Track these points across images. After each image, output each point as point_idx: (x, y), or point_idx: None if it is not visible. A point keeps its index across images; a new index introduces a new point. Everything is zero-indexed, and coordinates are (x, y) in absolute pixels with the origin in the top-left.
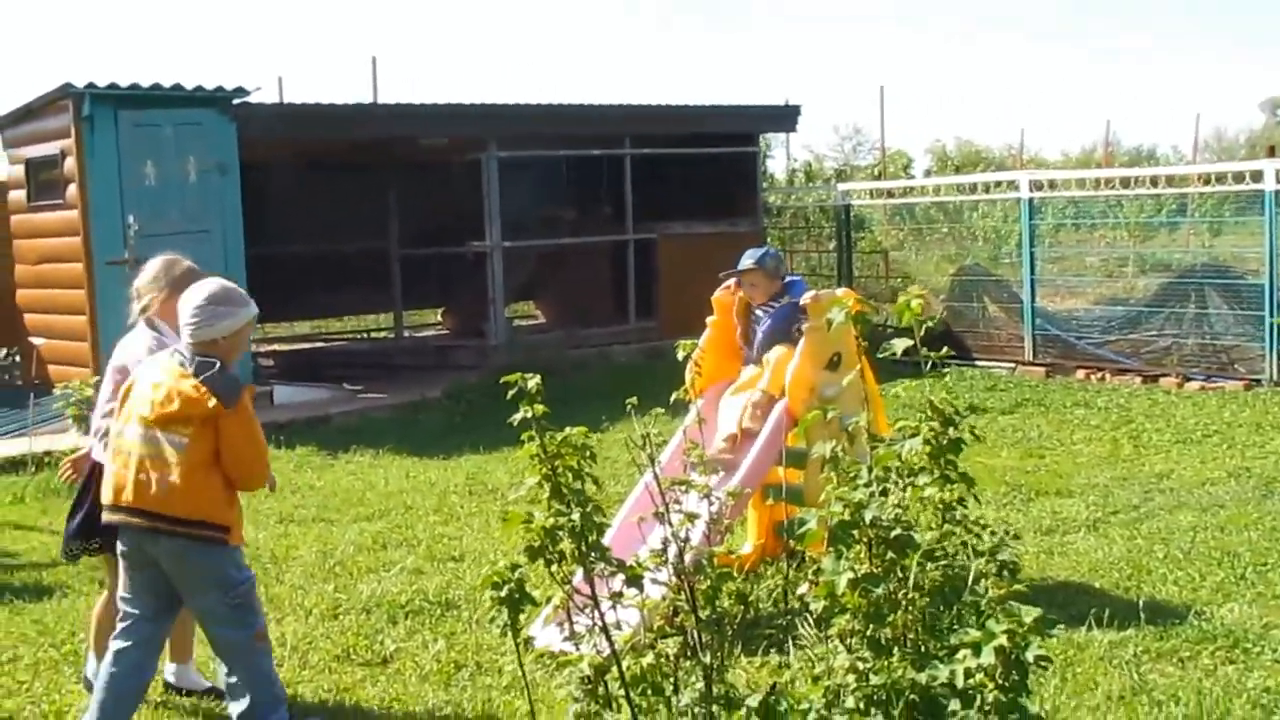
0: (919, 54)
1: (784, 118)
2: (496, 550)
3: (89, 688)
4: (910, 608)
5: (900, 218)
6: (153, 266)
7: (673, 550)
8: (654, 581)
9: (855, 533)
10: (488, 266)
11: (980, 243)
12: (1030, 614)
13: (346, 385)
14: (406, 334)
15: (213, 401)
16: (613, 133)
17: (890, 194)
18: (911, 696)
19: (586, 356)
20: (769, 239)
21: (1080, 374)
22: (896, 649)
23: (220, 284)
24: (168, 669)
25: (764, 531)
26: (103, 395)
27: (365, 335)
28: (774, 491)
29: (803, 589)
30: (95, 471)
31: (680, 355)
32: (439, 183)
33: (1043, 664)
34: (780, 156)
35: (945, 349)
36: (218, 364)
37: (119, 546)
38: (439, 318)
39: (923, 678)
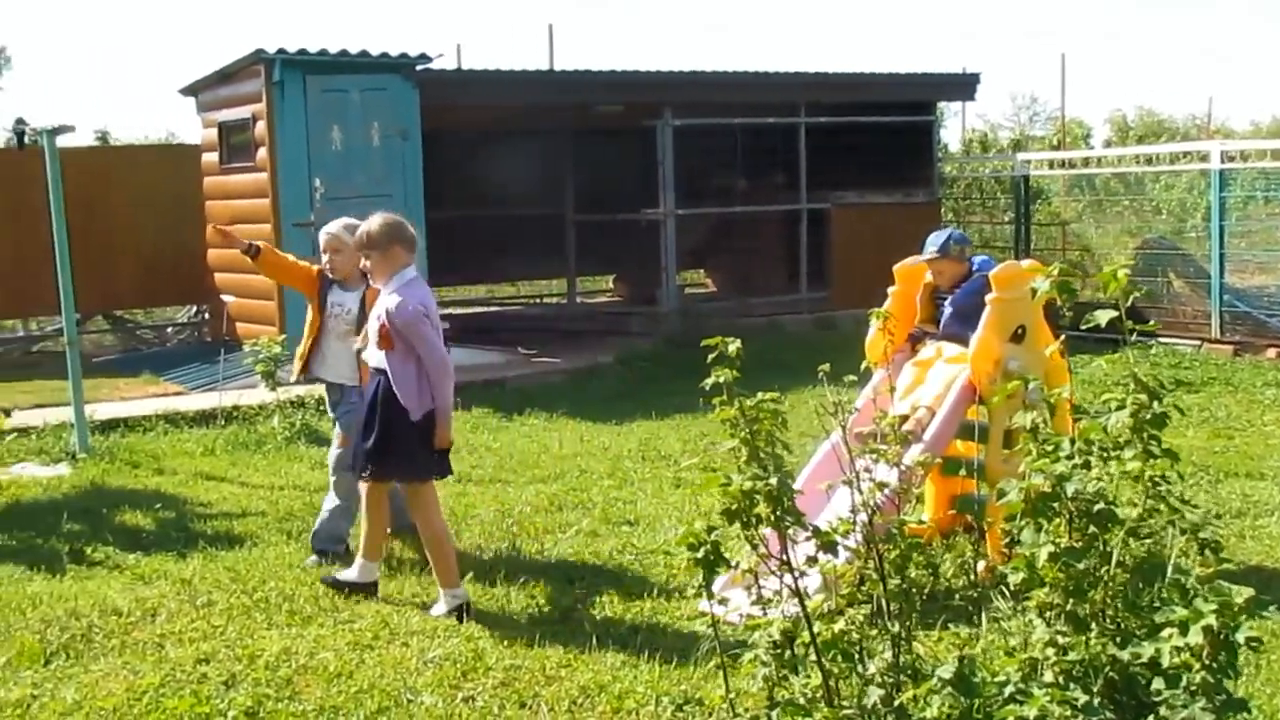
0: (1099, 20)
1: (962, 86)
2: (670, 515)
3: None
4: (1111, 583)
5: (1079, 189)
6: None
7: (862, 517)
8: (843, 547)
9: (1056, 505)
10: (661, 234)
11: (1163, 215)
12: (1242, 594)
13: (521, 350)
14: (578, 300)
15: None
16: (787, 100)
17: (1070, 164)
18: (1111, 674)
19: (756, 326)
20: (943, 210)
21: (1271, 353)
22: (1095, 624)
23: None
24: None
25: (941, 505)
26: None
27: (538, 300)
28: (955, 465)
29: (982, 564)
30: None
31: (873, 324)
32: (614, 149)
33: (1253, 645)
34: (954, 126)
35: (1153, 322)
36: None
37: None
38: (609, 285)
39: (1125, 655)
